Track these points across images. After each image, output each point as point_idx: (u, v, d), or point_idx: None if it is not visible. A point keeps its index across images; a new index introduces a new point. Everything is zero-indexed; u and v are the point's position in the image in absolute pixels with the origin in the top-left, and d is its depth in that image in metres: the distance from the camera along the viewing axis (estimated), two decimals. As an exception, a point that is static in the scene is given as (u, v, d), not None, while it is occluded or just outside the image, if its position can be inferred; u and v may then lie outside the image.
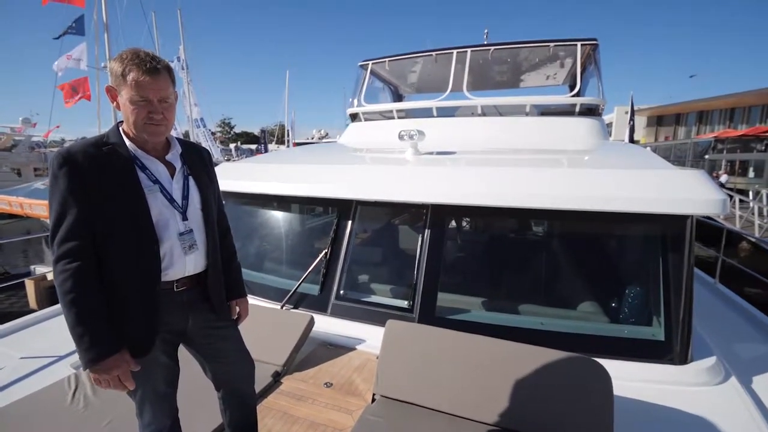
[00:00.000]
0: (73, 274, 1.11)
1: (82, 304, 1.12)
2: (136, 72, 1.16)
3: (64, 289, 1.11)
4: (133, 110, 1.19)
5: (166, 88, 1.23)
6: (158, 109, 1.21)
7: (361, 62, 4.72)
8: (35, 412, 1.84)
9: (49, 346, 2.46)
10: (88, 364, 1.13)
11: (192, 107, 23.29)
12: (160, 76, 1.20)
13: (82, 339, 1.12)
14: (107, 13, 13.47)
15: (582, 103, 3.77)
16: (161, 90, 1.21)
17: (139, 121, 1.21)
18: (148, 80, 1.17)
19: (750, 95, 21.85)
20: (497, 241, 2.87)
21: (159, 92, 1.21)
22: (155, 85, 1.19)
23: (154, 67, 1.18)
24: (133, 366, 1.20)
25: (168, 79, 1.24)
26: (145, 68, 1.17)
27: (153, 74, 1.18)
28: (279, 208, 3.23)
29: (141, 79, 1.16)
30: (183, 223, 1.30)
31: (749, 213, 11.84)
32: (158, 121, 1.23)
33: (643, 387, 1.94)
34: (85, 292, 1.13)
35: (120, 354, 1.17)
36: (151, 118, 1.21)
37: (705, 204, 1.94)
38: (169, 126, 1.29)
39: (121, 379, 1.18)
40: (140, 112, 1.19)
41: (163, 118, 1.23)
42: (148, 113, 1.20)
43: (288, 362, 2.20)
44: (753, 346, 2.59)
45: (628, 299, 2.30)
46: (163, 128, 1.26)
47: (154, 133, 1.25)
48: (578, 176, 2.23)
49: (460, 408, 1.73)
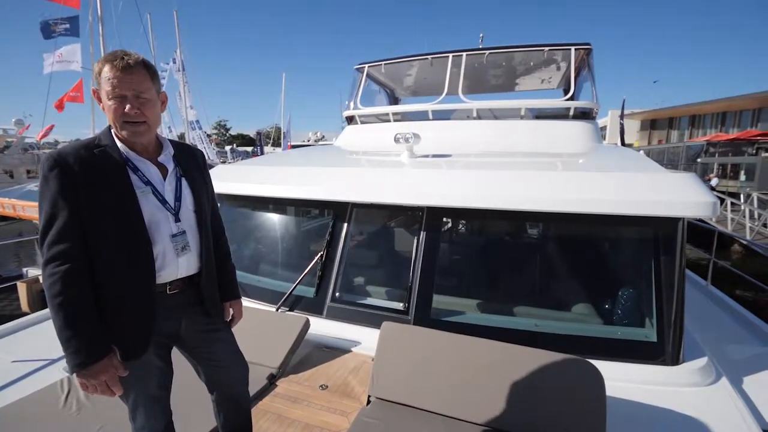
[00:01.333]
0: (62, 277, 1.10)
1: (71, 308, 1.11)
2: (108, 68, 1.15)
3: (53, 292, 1.10)
4: (110, 107, 1.18)
5: (140, 83, 1.19)
6: (134, 104, 1.18)
7: (357, 65, 4.74)
8: (27, 415, 1.82)
9: (42, 349, 2.43)
10: (75, 368, 1.12)
11: (188, 109, 23.21)
12: (134, 71, 1.17)
13: (69, 343, 1.11)
14: (102, 15, 13.44)
15: (576, 106, 3.81)
16: (135, 84, 1.18)
17: (116, 118, 1.19)
18: (119, 75, 1.15)
19: (741, 99, 22.14)
20: (492, 243, 2.89)
21: (132, 87, 1.18)
22: (129, 80, 1.17)
23: (126, 63, 1.16)
24: (122, 371, 1.19)
25: (144, 74, 1.20)
26: (118, 65, 1.15)
27: (125, 70, 1.16)
28: (275, 210, 3.23)
29: (113, 74, 1.15)
30: (175, 225, 1.30)
31: (740, 216, 11.98)
32: (135, 117, 1.19)
33: (636, 388, 1.96)
34: (74, 296, 1.12)
35: (108, 359, 1.16)
36: (126, 115, 1.18)
37: (696, 206, 1.96)
38: (151, 124, 1.25)
39: (109, 385, 1.16)
40: (117, 109, 1.18)
41: (139, 113, 1.20)
42: (124, 110, 1.18)
43: (283, 365, 2.20)
44: (743, 347, 2.62)
45: (621, 301, 2.32)
46: (143, 127, 1.22)
47: (134, 133, 1.22)
48: (572, 179, 2.25)
49: (455, 409, 1.74)
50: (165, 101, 1.35)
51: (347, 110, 4.62)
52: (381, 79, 5.20)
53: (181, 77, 22.71)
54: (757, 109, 22.59)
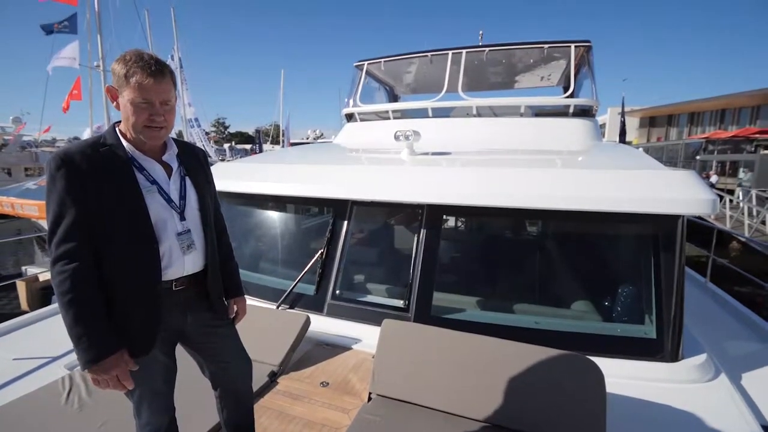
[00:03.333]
0: (71, 275, 1.11)
1: (81, 305, 1.12)
2: (140, 75, 1.16)
3: (62, 290, 1.11)
4: (134, 112, 1.19)
5: (168, 91, 1.23)
6: (160, 111, 1.22)
7: (356, 62, 4.73)
8: (29, 413, 1.82)
9: (43, 347, 2.44)
10: (87, 364, 1.13)
11: (186, 107, 23.12)
12: (164, 80, 1.21)
13: (80, 339, 1.12)
14: (100, 12, 13.35)
15: (576, 104, 3.81)
16: (164, 93, 1.21)
17: (139, 123, 1.20)
18: (151, 83, 1.17)
19: (740, 97, 22.18)
20: (492, 240, 2.90)
21: (161, 95, 1.21)
22: (158, 88, 1.19)
23: (159, 70, 1.19)
24: (132, 366, 1.21)
25: (170, 82, 1.24)
26: (149, 71, 1.17)
27: (157, 77, 1.18)
28: (275, 208, 3.23)
29: (144, 81, 1.16)
30: (181, 223, 1.31)
31: (739, 213, 12.01)
32: (159, 123, 1.23)
33: (635, 384, 1.97)
34: (84, 293, 1.13)
35: (119, 354, 1.17)
36: (152, 120, 1.21)
37: (695, 204, 1.97)
38: (170, 129, 1.29)
39: (120, 379, 1.18)
40: (141, 114, 1.19)
41: (164, 120, 1.23)
42: (150, 116, 1.20)
43: (284, 362, 2.21)
44: (742, 344, 2.63)
45: (621, 298, 2.33)
46: (163, 131, 1.26)
47: (154, 137, 1.25)
48: (572, 177, 2.25)
49: (456, 406, 1.75)
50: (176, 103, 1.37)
51: (347, 108, 4.61)
52: (380, 76, 5.19)
53: (178, 74, 22.60)
54: (756, 107, 22.63)
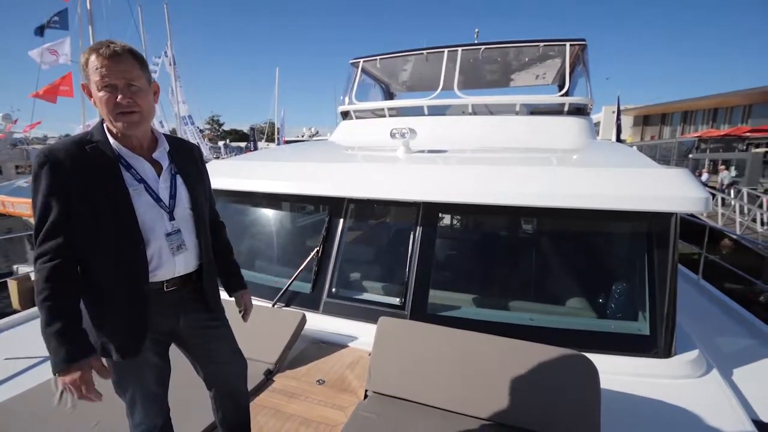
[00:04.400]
0: (48, 273, 1.09)
1: (53, 304, 1.09)
2: (95, 57, 1.12)
3: (38, 288, 1.09)
4: (101, 99, 1.14)
5: (129, 71, 1.15)
6: (126, 93, 1.15)
7: (352, 60, 4.71)
8: (21, 413, 1.80)
9: (34, 346, 2.41)
10: (53, 367, 1.09)
11: (180, 104, 22.89)
12: (122, 59, 1.14)
13: (49, 340, 1.09)
14: (91, 8, 13.19)
15: (570, 102, 3.83)
16: (124, 72, 1.14)
17: (109, 110, 1.15)
18: (107, 64, 1.12)
19: (732, 96, 22.40)
20: (487, 238, 2.91)
21: (123, 75, 1.14)
22: (117, 68, 1.13)
23: (114, 51, 1.12)
24: (106, 374, 1.16)
25: (132, 61, 1.16)
26: (103, 52, 1.11)
27: (113, 58, 1.12)
28: (270, 206, 3.21)
29: (100, 63, 1.11)
30: (170, 223, 1.27)
31: (731, 211, 12.15)
32: (128, 106, 1.15)
33: (629, 380, 1.99)
34: (57, 292, 1.10)
35: (87, 360, 1.12)
36: (119, 105, 1.14)
37: (688, 202, 1.99)
38: (144, 114, 1.20)
39: (84, 391, 1.11)
40: (108, 99, 1.14)
41: (132, 102, 1.16)
42: (116, 101, 1.14)
43: (280, 360, 2.20)
44: (734, 340, 2.67)
45: (615, 295, 2.35)
46: (136, 116, 1.18)
47: (130, 124, 1.18)
48: (566, 174, 2.27)
49: (452, 403, 1.75)
50: (157, 92, 1.30)
51: (342, 105, 4.60)
52: (376, 74, 5.18)
53: (172, 71, 22.36)
54: (748, 106, 22.88)
